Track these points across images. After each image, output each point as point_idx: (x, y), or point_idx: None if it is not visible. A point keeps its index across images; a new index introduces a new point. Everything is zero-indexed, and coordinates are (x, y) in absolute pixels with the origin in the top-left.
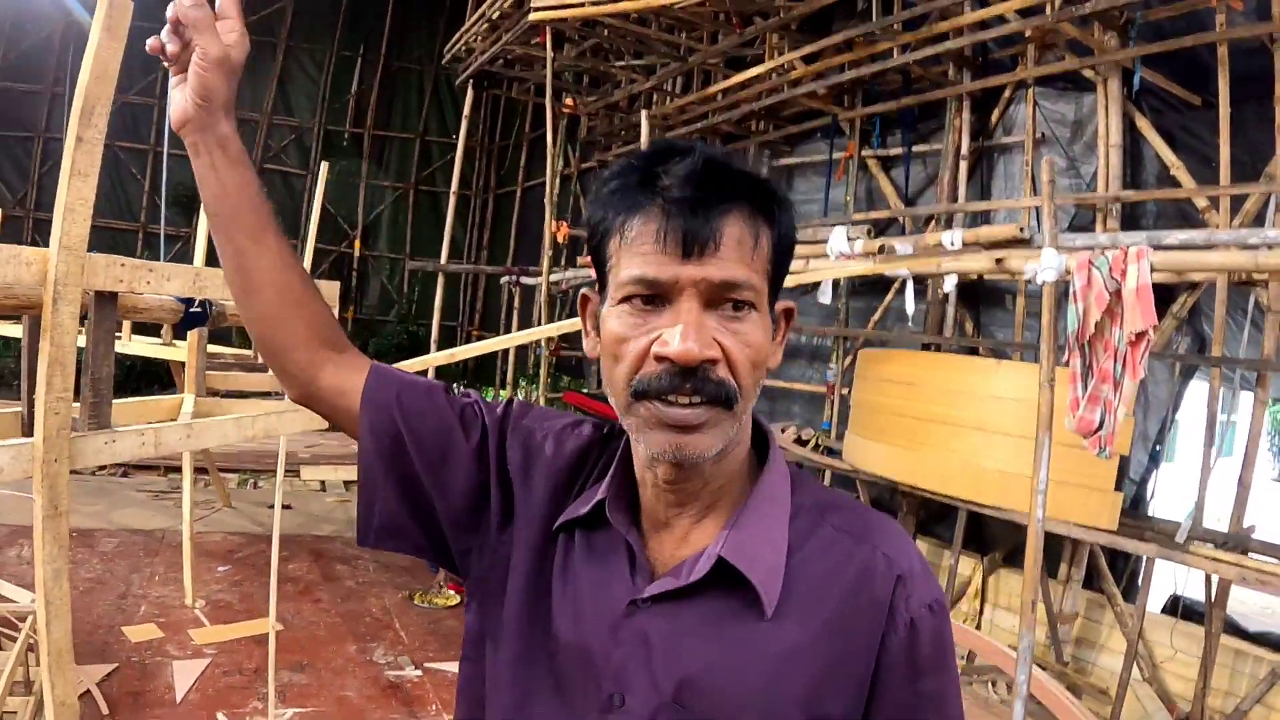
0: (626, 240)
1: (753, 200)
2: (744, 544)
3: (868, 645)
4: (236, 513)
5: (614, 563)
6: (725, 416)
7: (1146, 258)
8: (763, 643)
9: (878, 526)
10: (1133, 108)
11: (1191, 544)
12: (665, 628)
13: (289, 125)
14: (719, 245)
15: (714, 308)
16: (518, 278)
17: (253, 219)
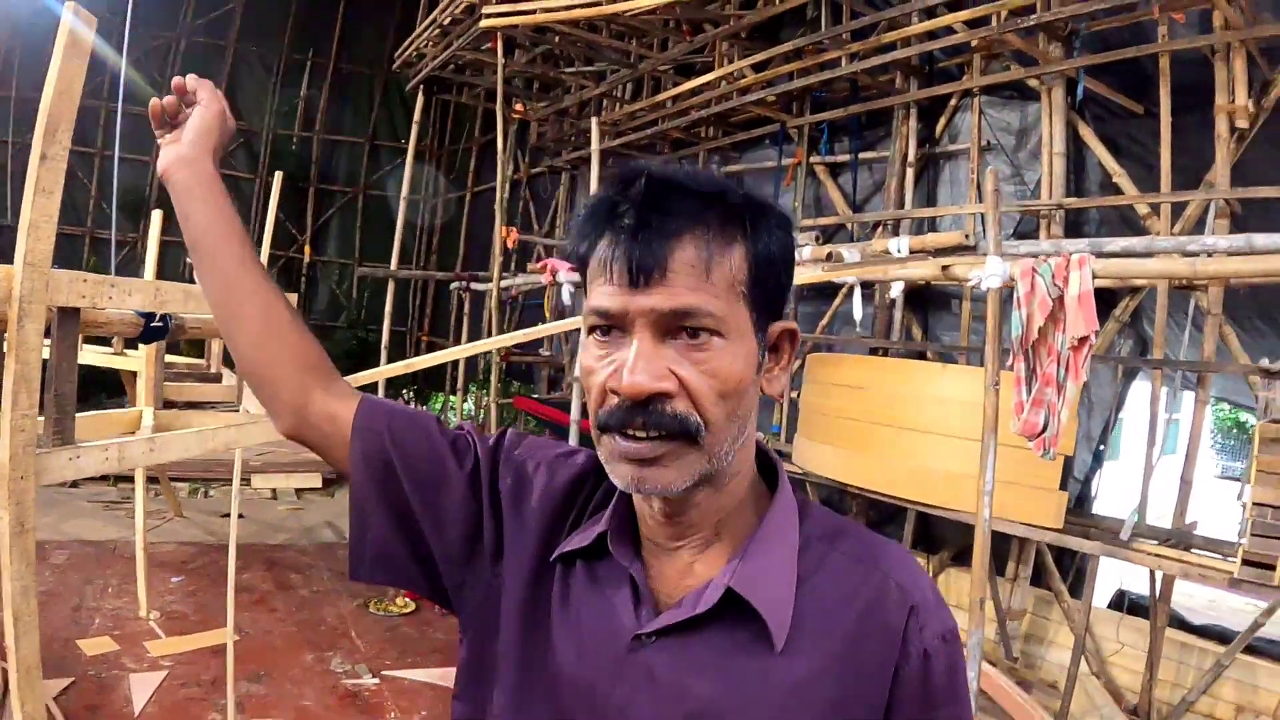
0: (591, 270)
1: (711, 220)
2: (753, 575)
3: (880, 675)
4: (188, 522)
5: (617, 595)
6: (689, 450)
7: (1088, 265)
8: (772, 676)
9: (889, 553)
10: (1076, 116)
11: (1135, 541)
12: (671, 662)
13: (238, 129)
14: (666, 272)
15: (672, 337)
16: (468, 284)
17: (239, 251)
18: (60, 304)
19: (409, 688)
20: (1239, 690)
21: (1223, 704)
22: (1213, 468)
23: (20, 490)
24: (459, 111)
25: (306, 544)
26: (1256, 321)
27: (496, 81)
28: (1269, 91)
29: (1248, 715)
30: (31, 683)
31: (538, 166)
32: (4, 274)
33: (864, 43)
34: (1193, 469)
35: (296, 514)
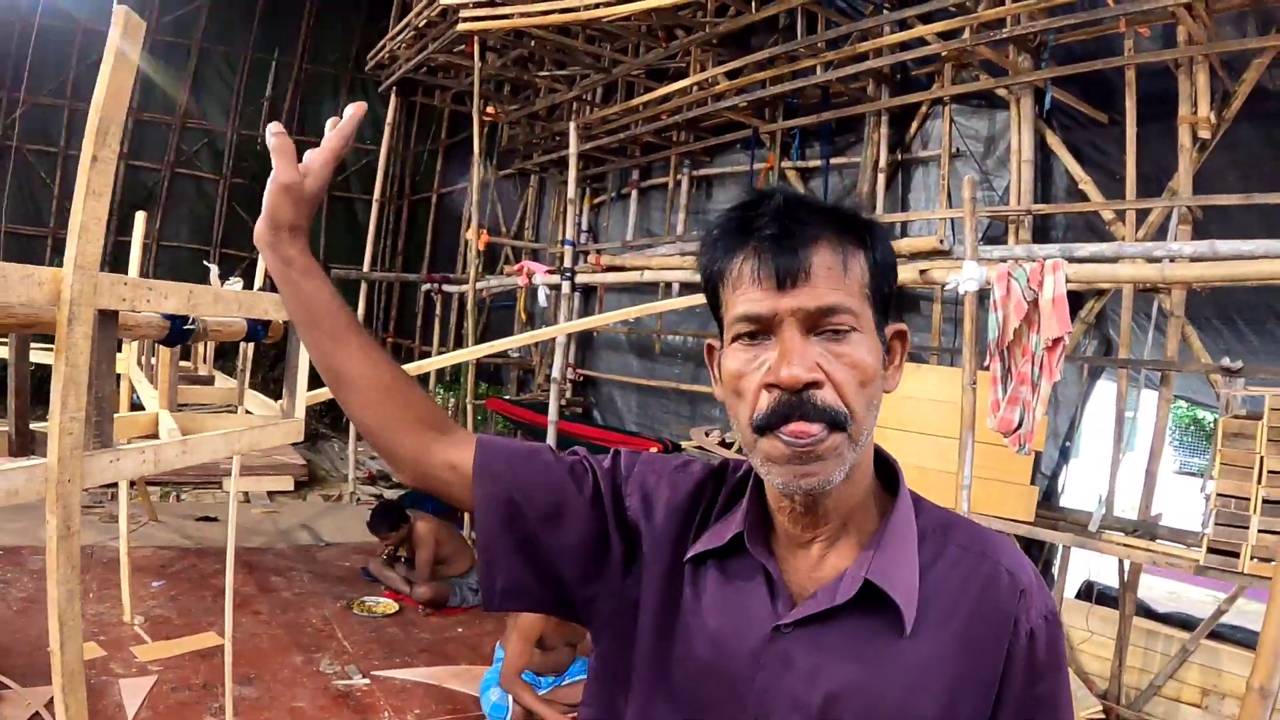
0: (730, 283)
1: (838, 229)
2: (885, 566)
3: (995, 653)
4: (163, 526)
5: (753, 590)
6: (840, 440)
7: (1062, 270)
8: (902, 657)
9: (998, 543)
10: (1044, 125)
11: (1103, 532)
12: (809, 650)
13: (202, 129)
14: (810, 274)
15: (816, 334)
16: (439, 285)
17: (330, 324)
18: (102, 306)
19: (399, 687)
20: (1204, 674)
21: (1188, 688)
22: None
23: (67, 493)
24: (424, 112)
25: (284, 546)
26: (1215, 322)
27: (468, 84)
28: (1229, 103)
29: (1213, 698)
30: (75, 687)
31: (506, 169)
32: (52, 277)
33: (838, 52)
34: (1157, 464)
35: (271, 517)
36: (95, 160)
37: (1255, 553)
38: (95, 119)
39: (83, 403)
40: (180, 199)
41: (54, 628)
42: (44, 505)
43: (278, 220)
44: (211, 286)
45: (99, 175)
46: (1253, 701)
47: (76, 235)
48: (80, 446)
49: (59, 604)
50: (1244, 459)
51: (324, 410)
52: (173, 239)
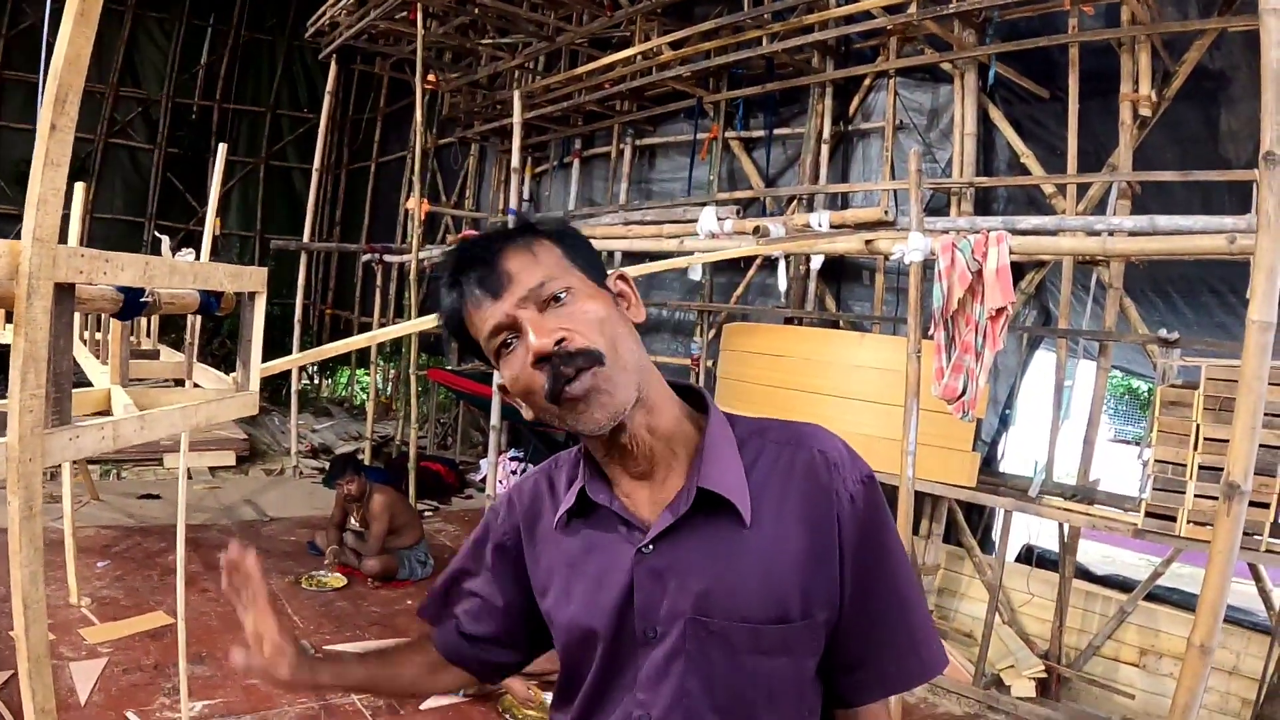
0: (470, 320)
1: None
2: (713, 474)
3: (827, 523)
4: (106, 505)
5: (613, 529)
6: (605, 373)
7: (1006, 241)
8: (749, 544)
9: (807, 431)
10: (986, 99)
11: (1043, 497)
12: (670, 561)
13: (136, 97)
14: (511, 274)
15: (545, 309)
16: (380, 255)
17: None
18: (59, 280)
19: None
20: (1141, 635)
21: (1126, 647)
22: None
23: (28, 473)
24: (363, 80)
25: (228, 522)
26: (1150, 295)
27: (409, 51)
28: (1170, 83)
29: (1150, 657)
30: (41, 672)
31: (447, 137)
32: (10, 250)
33: (784, 23)
34: (1095, 431)
35: (214, 493)
36: (54, 129)
37: (1191, 517)
38: (54, 86)
39: (43, 379)
40: (114, 169)
41: (18, 611)
42: None
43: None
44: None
45: (57, 145)
46: (1194, 658)
47: (35, 207)
48: (41, 424)
49: (23, 587)
50: (1181, 427)
51: (263, 384)
52: (107, 211)
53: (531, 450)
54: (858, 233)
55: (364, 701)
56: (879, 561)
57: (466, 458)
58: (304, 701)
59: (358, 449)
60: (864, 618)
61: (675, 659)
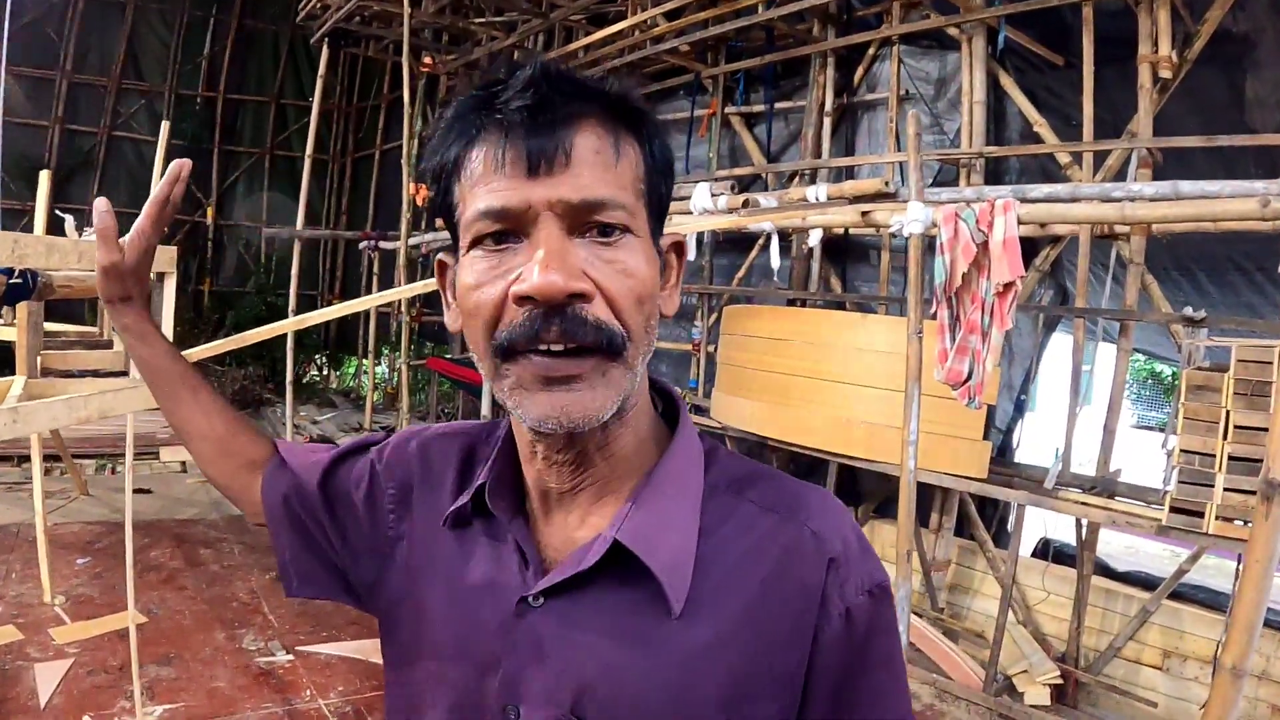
0: (467, 175)
1: (609, 108)
2: (645, 526)
3: (796, 638)
4: (94, 500)
5: (502, 557)
6: (613, 365)
7: (1013, 210)
8: (670, 641)
9: (805, 499)
10: (997, 66)
11: (1060, 490)
12: (558, 628)
13: (139, 90)
14: (571, 157)
15: (579, 234)
16: (376, 243)
17: (165, 383)
18: None
19: (323, 663)
20: (1165, 636)
21: (1149, 649)
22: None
23: None
24: (366, 68)
25: (216, 518)
26: (1173, 273)
27: (403, 33)
28: (1191, 44)
29: (1174, 660)
30: None
31: None
32: None
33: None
34: (1116, 418)
35: (206, 487)
36: None
37: (1220, 512)
38: None
39: None
40: (118, 162)
41: None
42: None
43: (106, 295)
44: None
45: None
46: (1224, 682)
47: None
48: None
49: None
50: (1208, 413)
51: (268, 375)
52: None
53: None
54: (855, 205)
55: (330, 707)
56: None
57: None
58: (267, 706)
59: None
60: None
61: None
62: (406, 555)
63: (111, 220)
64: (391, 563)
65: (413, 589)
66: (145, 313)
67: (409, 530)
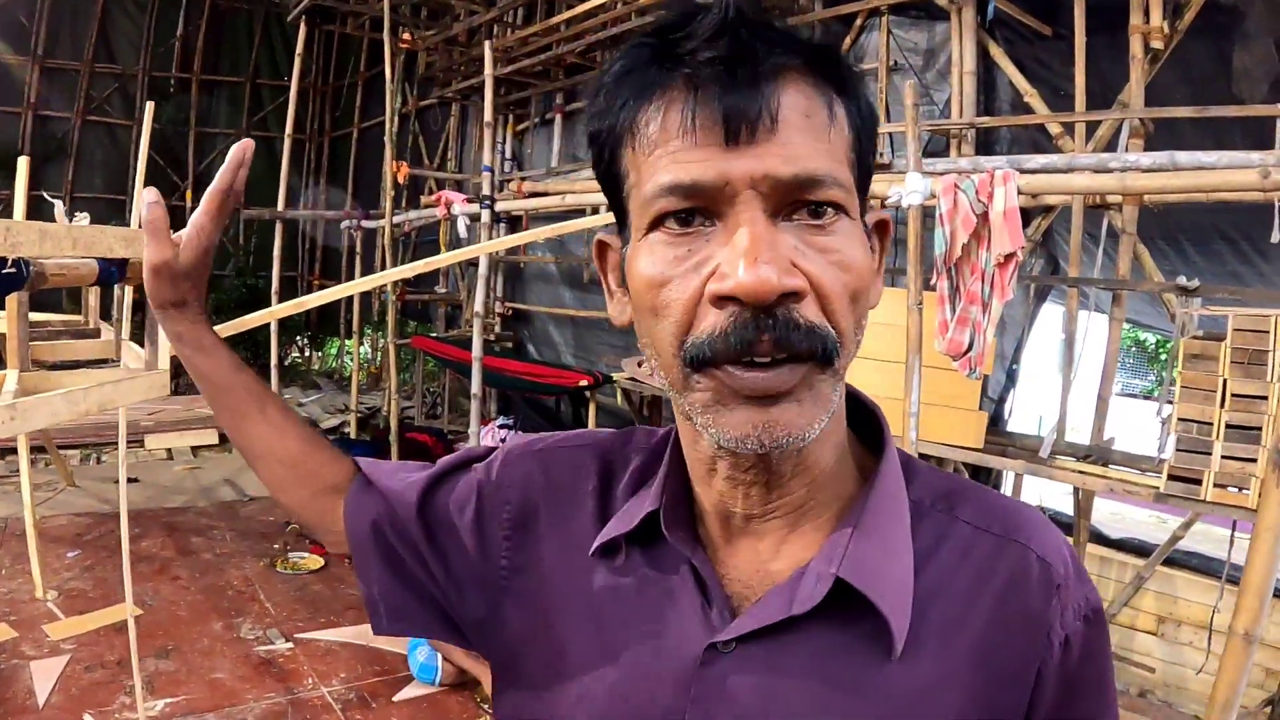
0: (643, 140)
1: (817, 60)
2: (866, 558)
3: (1022, 675)
4: (81, 492)
5: (679, 594)
6: (823, 377)
7: (1013, 181)
8: (891, 685)
9: (1023, 519)
10: (986, 37)
11: (1055, 458)
12: (757, 678)
13: (111, 73)
14: (777, 121)
15: (786, 217)
16: (358, 221)
17: (231, 402)
18: None
19: (324, 650)
20: (1160, 602)
21: (1144, 615)
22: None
23: None
24: (343, 45)
25: (206, 504)
26: (1160, 242)
27: (380, 8)
28: (1182, 14)
29: (1169, 625)
30: None
31: (427, 98)
32: None
33: None
34: (1109, 387)
35: (194, 473)
36: None
37: (1218, 480)
38: None
39: None
40: (93, 148)
41: None
42: None
43: (156, 299)
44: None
45: None
46: (1237, 647)
47: None
48: None
49: None
50: (1206, 382)
51: (249, 360)
52: (87, 190)
53: (521, 417)
54: None
55: (334, 694)
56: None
57: (456, 427)
58: (270, 696)
59: (342, 423)
60: None
61: None
62: (533, 589)
63: (162, 211)
64: (508, 597)
65: (544, 629)
66: (203, 319)
67: (532, 559)
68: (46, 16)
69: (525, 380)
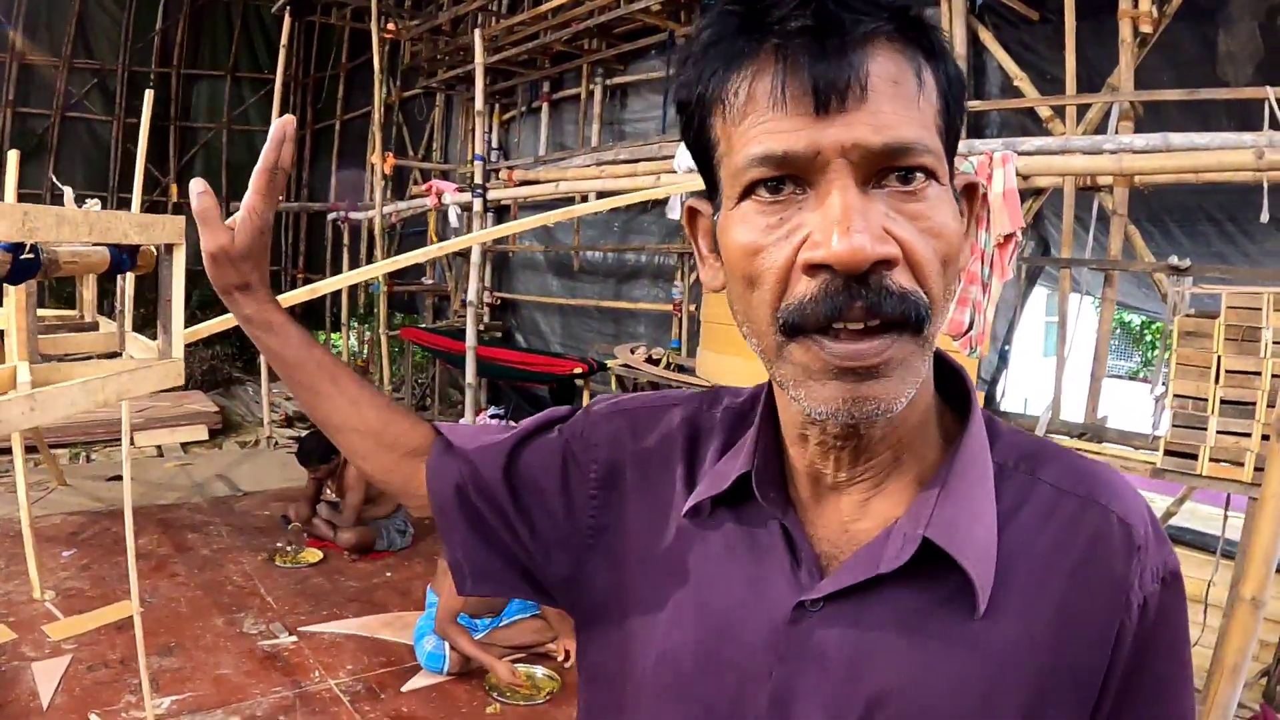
0: (733, 110)
1: (905, 25)
2: (953, 519)
3: (1101, 636)
4: (73, 490)
5: (768, 553)
6: (914, 345)
7: (1011, 163)
8: (974, 643)
9: (1103, 478)
10: (975, 21)
11: (1050, 437)
12: (845, 635)
13: (90, 68)
14: (867, 89)
15: (877, 184)
16: (346, 213)
17: (301, 376)
18: None
19: (329, 642)
20: None
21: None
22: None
23: None
24: (324, 37)
25: (200, 500)
26: (1146, 224)
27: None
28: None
29: None
30: None
31: (411, 89)
32: None
33: None
34: (1103, 367)
35: (185, 470)
36: None
37: (1214, 454)
38: None
39: None
40: (73, 144)
41: None
42: None
43: (220, 285)
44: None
45: None
46: (1244, 612)
47: None
48: None
49: None
50: (1200, 359)
51: (236, 353)
52: (68, 186)
53: (512, 407)
54: None
55: (341, 687)
56: (1150, 704)
57: (446, 418)
58: (277, 691)
59: None
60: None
61: None
62: (619, 547)
63: (211, 200)
64: (593, 555)
65: (630, 586)
66: (269, 299)
67: (619, 518)
68: (24, 13)
69: (519, 369)
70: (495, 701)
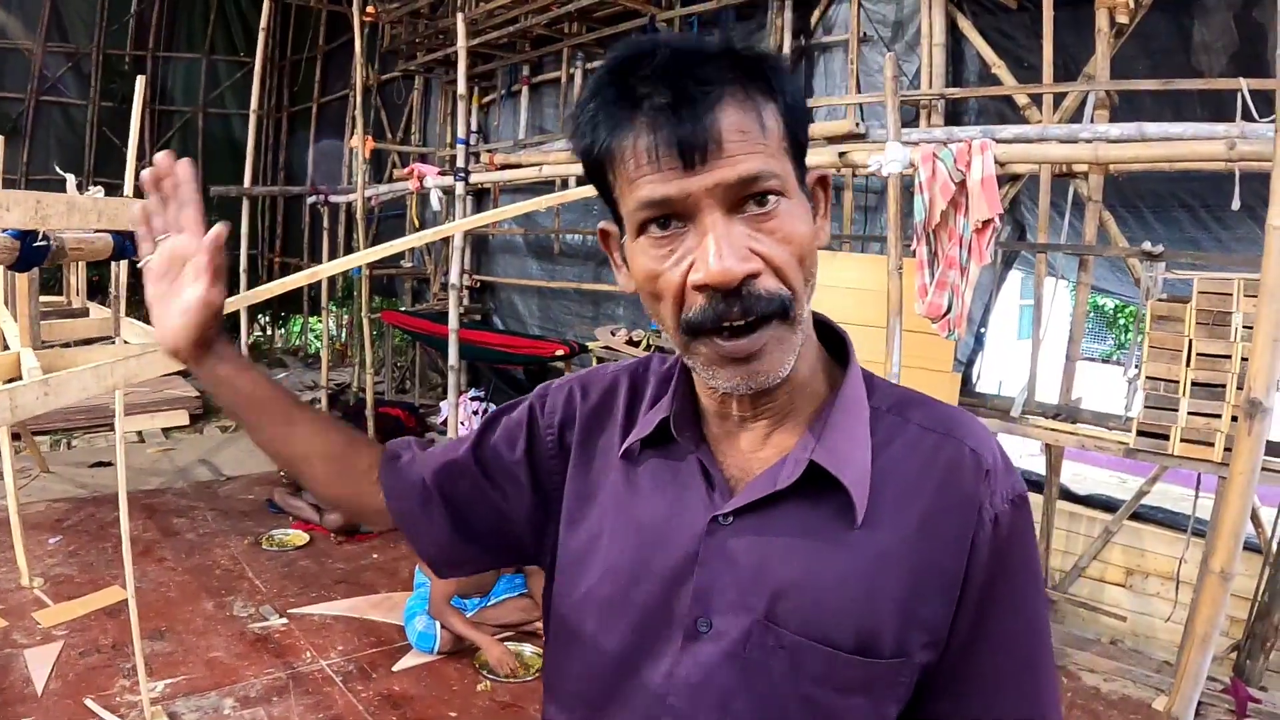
0: (623, 166)
1: (742, 78)
2: (834, 447)
3: (958, 543)
4: (56, 477)
5: (688, 482)
6: (784, 329)
7: (990, 150)
8: (855, 548)
9: (961, 421)
10: (954, 9)
11: (1026, 418)
12: (751, 542)
13: (65, 52)
14: (721, 143)
15: (739, 210)
16: (325, 197)
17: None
18: None
19: (319, 624)
20: (1127, 555)
21: (1113, 568)
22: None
23: None
24: (300, 19)
25: (184, 485)
26: (1120, 209)
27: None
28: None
29: (1137, 577)
30: None
31: (389, 72)
32: None
33: None
34: (1077, 349)
35: (168, 455)
36: None
37: (1185, 435)
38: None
39: None
40: (48, 128)
41: None
42: None
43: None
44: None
45: None
46: (1213, 584)
47: None
48: None
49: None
50: (1172, 342)
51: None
52: (42, 171)
53: (491, 389)
54: (829, 146)
55: (333, 667)
56: (1009, 606)
57: (426, 400)
58: (270, 672)
59: (313, 399)
60: (973, 672)
61: (726, 666)
62: (575, 489)
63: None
64: (557, 504)
65: (580, 519)
66: (237, 351)
67: (574, 466)
68: None
69: (500, 351)
70: (485, 679)
